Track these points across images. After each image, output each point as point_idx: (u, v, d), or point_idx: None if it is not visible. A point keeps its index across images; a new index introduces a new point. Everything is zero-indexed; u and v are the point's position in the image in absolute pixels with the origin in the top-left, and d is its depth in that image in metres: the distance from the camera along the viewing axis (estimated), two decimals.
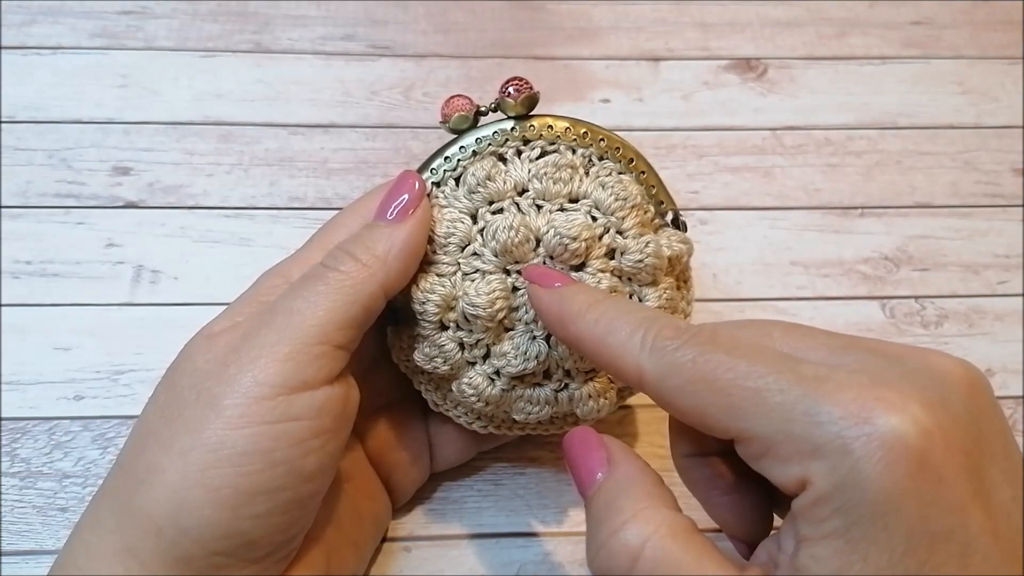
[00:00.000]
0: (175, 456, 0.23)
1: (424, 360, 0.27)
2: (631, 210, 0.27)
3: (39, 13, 0.46)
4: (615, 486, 0.22)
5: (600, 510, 0.22)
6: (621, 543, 0.21)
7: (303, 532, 0.26)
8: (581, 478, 0.23)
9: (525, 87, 0.28)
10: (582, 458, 0.23)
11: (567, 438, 0.24)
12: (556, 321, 0.24)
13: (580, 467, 0.23)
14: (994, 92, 0.47)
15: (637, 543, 0.20)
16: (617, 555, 0.21)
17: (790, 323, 0.22)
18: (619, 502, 0.21)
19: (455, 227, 0.27)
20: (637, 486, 0.22)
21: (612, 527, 0.21)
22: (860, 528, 0.18)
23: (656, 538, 0.20)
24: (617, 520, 0.21)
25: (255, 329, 0.25)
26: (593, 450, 0.23)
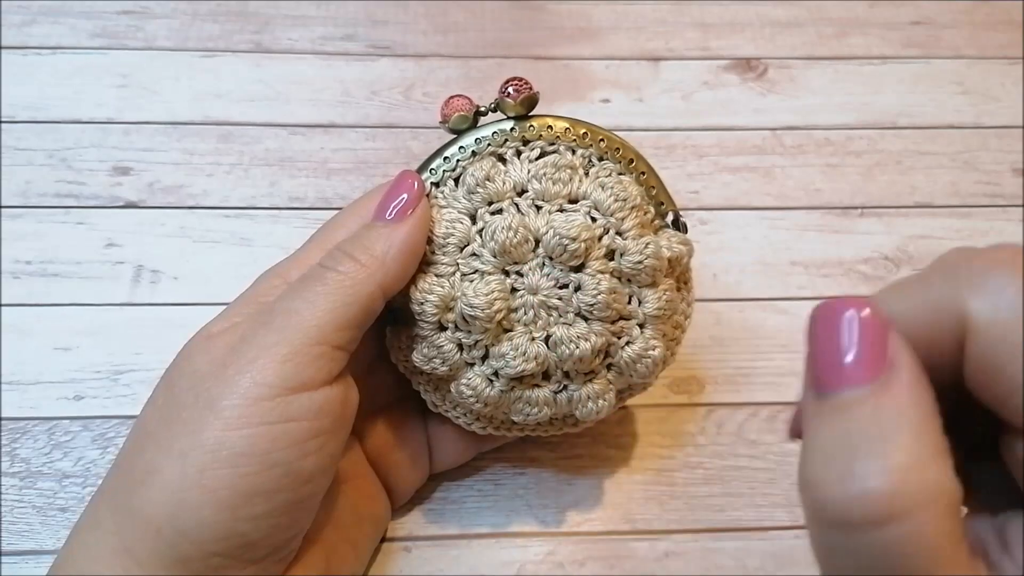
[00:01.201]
0: (173, 457, 0.23)
1: (422, 361, 0.27)
2: (631, 211, 0.27)
3: (39, 13, 0.46)
4: (892, 405, 0.16)
5: (863, 430, 0.16)
6: (886, 491, 0.15)
7: (302, 533, 0.26)
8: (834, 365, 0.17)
9: (524, 87, 0.28)
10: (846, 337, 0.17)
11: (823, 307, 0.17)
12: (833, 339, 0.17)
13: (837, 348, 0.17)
14: (994, 92, 0.46)
15: (908, 503, 0.15)
16: (872, 501, 0.15)
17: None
18: (899, 436, 0.16)
19: (454, 227, 0.27)
20: (923, 421, 0.16)
21: (882, 464, 0.15)
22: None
23: (933, 511, 0.15)
24: (893, 458, 0.15)
25: (253, 330, 0.25)
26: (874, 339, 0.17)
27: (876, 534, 0.15)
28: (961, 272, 0.17)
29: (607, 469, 0.34)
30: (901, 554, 0.15)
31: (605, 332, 0.27)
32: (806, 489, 0.16)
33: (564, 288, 0.27)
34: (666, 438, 0.35)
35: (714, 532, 0.32)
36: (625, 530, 0.32)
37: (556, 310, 0.27)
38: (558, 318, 0.27)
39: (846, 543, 0.16)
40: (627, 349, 0.27)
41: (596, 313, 0.26)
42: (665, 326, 0.28)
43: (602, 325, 0.27)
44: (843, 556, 0.16)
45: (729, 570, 0.32)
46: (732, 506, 0.33)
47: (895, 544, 0.15)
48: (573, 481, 0.34)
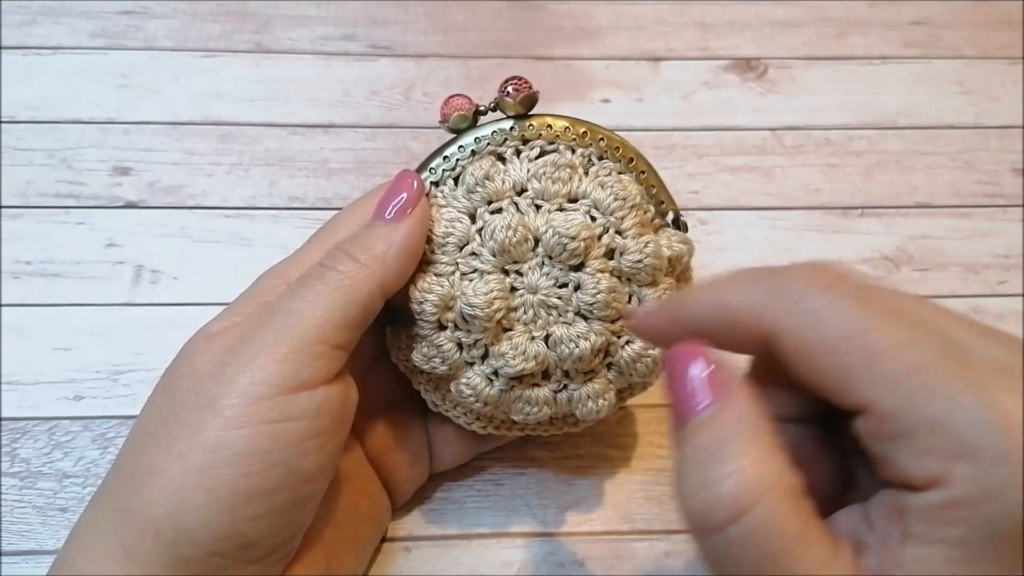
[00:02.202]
0: (173, 457, 0.23)
1: (422, 360, 0.27)
2: (630, 210, 0.27)
3: (39, 13, 0.46)
4: (729, 421, 0.19)
5: (706, 446, 0.19)
6: (730, 491, 0.18)
7: (302, 532, 0.26)
8: (681, 400, 0.20)
9: (524, 86, 0.28)
10: (687, 377, 0.20)
11: (673, 352, 0.21)
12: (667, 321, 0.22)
13: (682, 387, 0.20)
14: (994, 92, 0.46)
15: (750, 497, 0.18)
16: (723, 502, 0.18)
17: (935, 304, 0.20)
18: (734, 444, 0.19)
19: (453, 227, 0.27)
20: (756, 429, 0.19)
21: (723, 470, 0.18)
22: (988, 544, 0.17)
23: (771, 498, 0.18)
24: (731, 464, 0.18)
25: (253, 329, 0.25)
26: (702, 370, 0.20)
27: (733, 530, 0.18)
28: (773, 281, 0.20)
29: (607, 469, 0.34)
30: (757, 542, 0.18)
31: (605, 331, 0.27)
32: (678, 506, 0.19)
33: (564, 287, 0.27)
34: (666, 438, 0.35)
35: None
36: (625, 530, 0.32)
37: (556, 309, 0.27)
38: (558, 317, 0.27)
39: (715, 546, 0.18)
40: (627, 348, 0.27)
41: (596, 312, 0.26)
42: None
43: (602, 324, 0.27)
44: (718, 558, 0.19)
45: None
46: None
47: (750, 534, 0.18)
48: (573, 481, 0.34)
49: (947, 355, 0.18)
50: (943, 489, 0.17)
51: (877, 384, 0.18)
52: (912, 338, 0.18)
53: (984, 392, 0.17)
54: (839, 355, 0.19)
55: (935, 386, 0.18)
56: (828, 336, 0.19)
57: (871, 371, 0.18)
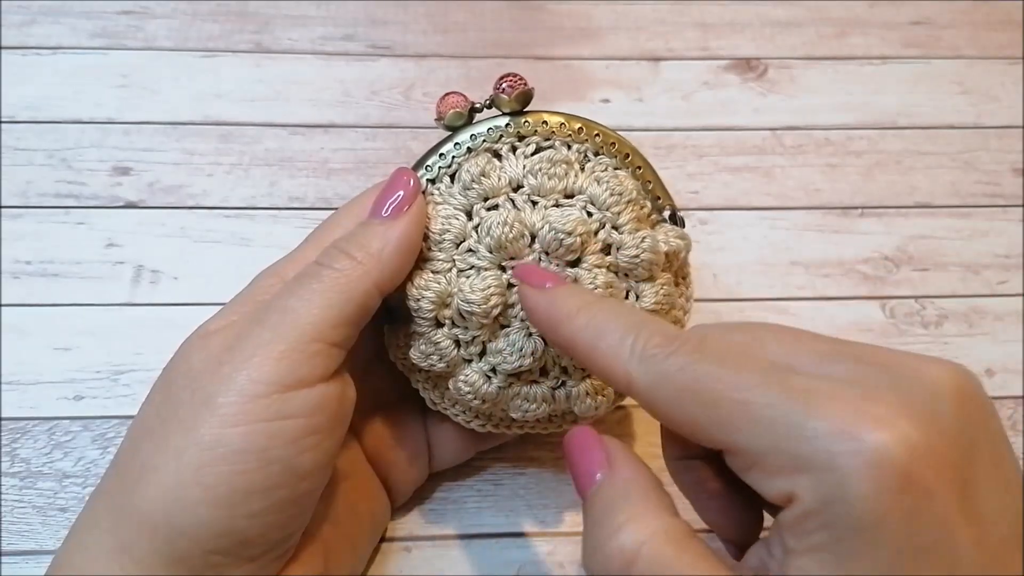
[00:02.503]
0: (170, 455, 0.23)
1: (420, 358, 0.27)
2: (627, 205, 0.27)
3: (39, 13, 0.46)
4: (613, 489, 0.22)
5: (597, 512, 0.22)
6: (617, 546, 0.20)
7: (299, 531, 0.26)
8: (580, 478, 0.23)
9: (519, 83, 0.28)
10: (581, 458, 0.23)
11: (567, 438, 0.24)
12: (545, 323, 0.24)
13: (579, 467, 0.23)
14: (994, 92, 0.46)
15: (632, 547, 0.20)
16: (612, 558, 0.20)
17: (782, 327, 0.22)
18: (617, 505, 0.21)
19: (450, 224, 0.27)
20: (635, 490, 0.21)
21: (608, 529, 0.21)
22: (846, 543, 0.18)
23: (652, 542, 0.20)
24: (614, 523, 0.21)
25: (250, 328, 0.25)
26: (593, 450, 0.23)
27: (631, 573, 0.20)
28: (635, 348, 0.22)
29: None
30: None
31: None
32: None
33: None
34: None
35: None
36: None
37: None
38: None
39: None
40: None
41: None
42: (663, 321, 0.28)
43: None
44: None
45: None
46: None
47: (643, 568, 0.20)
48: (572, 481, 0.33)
49: (769, 384, 0.19)
50: (796, 503, 0.19)
51: (717, 427, 0.20)
52: (735, 378, 0.20)
53: (807, 408, 0.19)
54: (683, 407, 0.21)
55: (760, 415, 0.19)
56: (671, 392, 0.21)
57: (708, 416, 0.20)
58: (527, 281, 0.25)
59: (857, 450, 0.18)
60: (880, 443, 0.18)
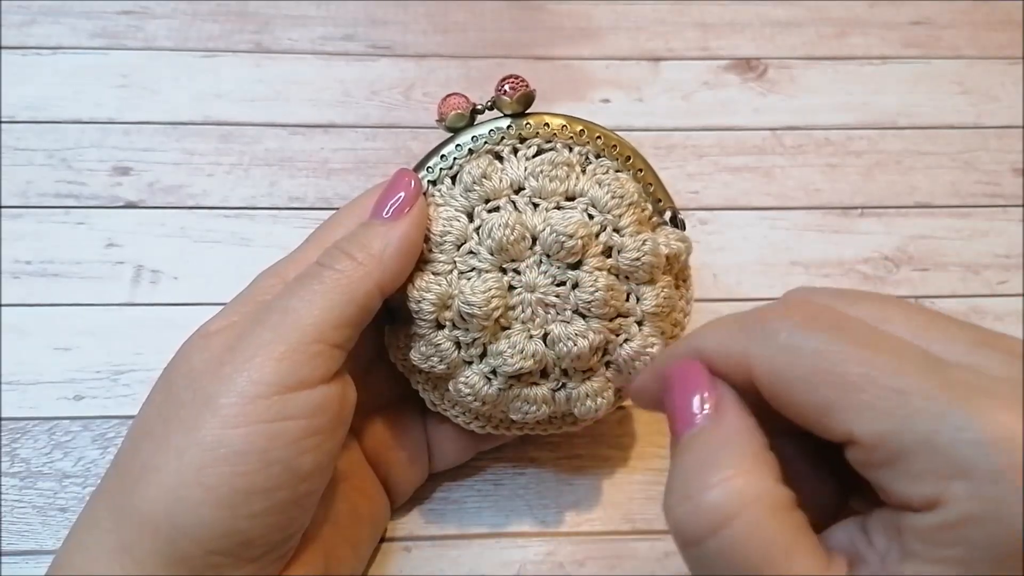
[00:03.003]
0: (171, 455, 0.23)
1: (420, 359, 0.27)
2: (628, 208, 0.27)
3: (39, 13, 0.46)
4: (718, 437, 0.20)
5: (695, 457, 0.19)
6: (712, 502, 0.18)
7: (300, 531, 0.26)
8: (678, 416, 0.21)
9: (521, 85, 0.28)
10: (684, 394, 0.21)
11: (672, 369, 0.22)
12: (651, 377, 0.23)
13: (680, 403, 0.21)
14: (994, 92, 0.46)
15: (730, 508, 0.18)
16: (705, 513, 0.18)
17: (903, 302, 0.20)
18: (721, 455, 0.19)
19: (451, 225, 0.27)
20: (743, 444, 0.19)
21: (707, 480, 0.19)
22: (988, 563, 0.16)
23: (753, 508, 0.18)
24: (715, 475, 0.19)
25: (251, 328, 0.25)
26: (700, 389, 0.21)
27: (716, 541, 0.18)
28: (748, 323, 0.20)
29: (607, 469, 0.34)
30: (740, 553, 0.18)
31: (603, 329, 0.27)
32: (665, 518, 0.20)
33: (561, 285, 0.27)
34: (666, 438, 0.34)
35: None
36: (625, 530, 0.32)
37: (554, 307, 0.27)
38: (556, 315, 0.27)
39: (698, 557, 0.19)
40: (625, 346, 0.27)
41: (594, 310, 0.26)
42: (664, 323, 0.28)
43: (600, 322, 0.27)
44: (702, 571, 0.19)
45: None
46: None
47: (732, 546, 0.18)
48: (573, 481, 0.34)
49: (928, 375, 0.18)
50: (940, 510, 0.17)
51: (857, 414, 0.18)
52: (889, 363, 0.18)
53: (971, 408, 0.17)
54: (816, 389, 0.19)
55: (918, 407, 0.17)
56: (803, 372, 0.19)
57: (848, 402, 0.18)
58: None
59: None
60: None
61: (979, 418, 0.17)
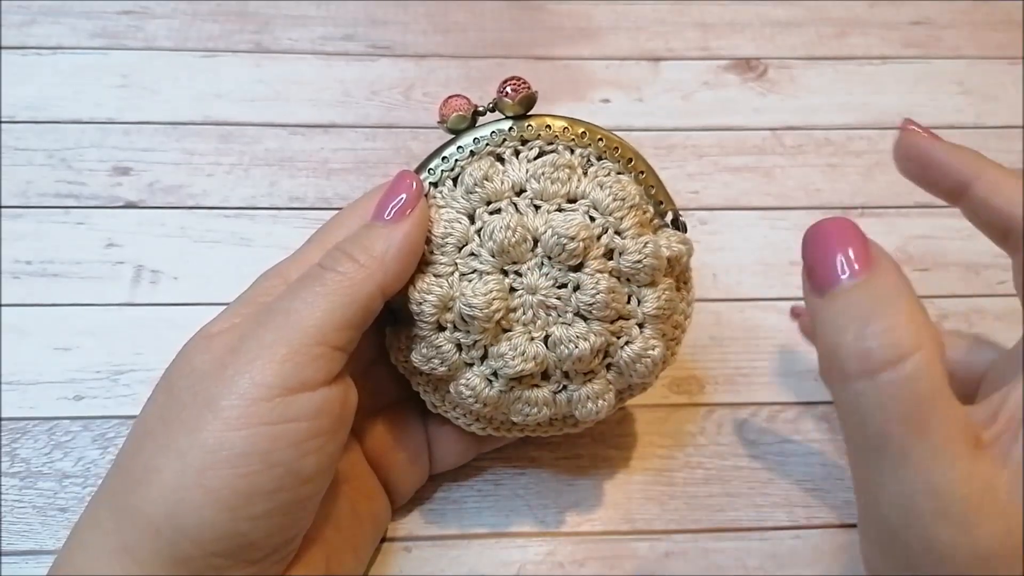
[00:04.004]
0: (173, 457, 0.23)
1: (421, 361, 0.27)
2: (629, 210, 0.27)
3: (39, 13, 0.46)
4: (887, 286, 0.21)
5: (871, 300, 0.21)
6: (895, 338, 0.20)
7: (302, 533, 0.26)
8: (832, 265, 0.22)
9: (523, 87, 0.28)
10: (842, 245, 0.22)
11: (827, 222, 0.23)
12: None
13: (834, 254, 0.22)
14: (994, 92, 0.46)
15: (911, 345, 0.20)
16: (886, 348, 0.20)
17: None
18: (893, 302, 0.21)
19: (452, 227, 0.27)
20: (909, 295, 0.21)
21: (889, 321, 0.20)
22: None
23: (929, 350, 0.20)
24: (896, 317, 0.20)
25: (253, 330, 0.25)
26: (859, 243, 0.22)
27: (893, 374, 0.20)
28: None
29: (607, 469, 0.34)
30: (913, 389, 0.20)
31: (604, 332, 0.27)
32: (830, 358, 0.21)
33: (563, 287, 0.27)
34: (666, 438, 0.35)
35: (714, 532, 0.32)
36: (625, 530, 0.32)
37: (555, 310, 0.27)
38: (557, 318, 0.27)
39: (867, 390, 0.20)
40: (626, 349, 0.27)
41: (595, 313, 0.26)
42: (665, 326, 0.28)
43: (601, 325, 0.27)
44: (866, 404, 0.21)
45: (729, 570, 0.32)
46: (732, 506, 0.33)
47: (907, 380, 0.20)
48: (573, 481, 0.34)
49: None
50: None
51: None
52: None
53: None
54: None
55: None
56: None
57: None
58: None
59: None
60: None
61: None
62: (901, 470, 0.20)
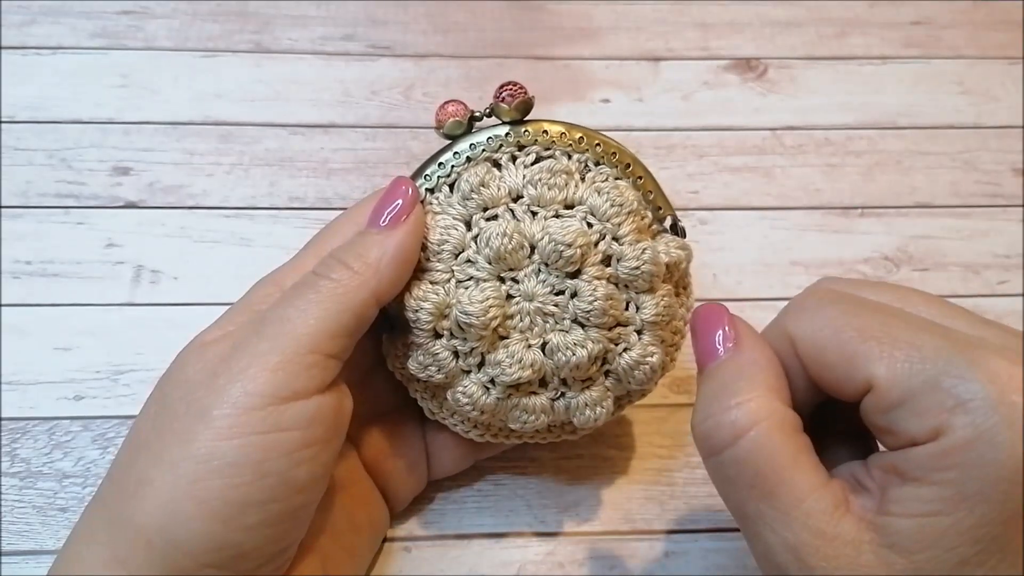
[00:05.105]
0: (165, 468, 0.23)
1: (418, 368, 0.27)
2: (627, 216, 0.27)
3: (39, 13, 0.46)
4: (737, 367, 0.23)
5: (717, 384, 0.23)
6: (730, 419, 0.22)
7: (296, 542, 0.26)
8: (704, 349, 0.24)
9: (519, 92, 0.28)
10: (709, 331, 0.24)
11: (699, 309, 0.25)
12: None
13: (705, 339, 0.24)
14: (994, 92, 0.46)
15: (745, 424, 0.21)
16: (723, 428, 0.22)
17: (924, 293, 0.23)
18: (738, 383, 0.22)
19: (449, 234, 0.27)
20: (759, 373, 0.22)
21: (726, 403, 0.22)
22: (977, 484, 0.19)
23: (765, 425, 0.21)
24: (732, 399, 0.22)
25: (246, 338, 0.24)
26: (721, 326, 0.24)
27: (732, 451, 0.22)
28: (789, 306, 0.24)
29: (607, 469, 0.34)
30: (752, 462, 0.21)
31: (602, 339, 0.26)
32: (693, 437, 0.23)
33: (560, 294, 0.26)
34: (666, 438, 0.35)
35: (714, 532, 0.32)
36: (625, 530, 0.32)
37: (552, 317, 0.26)
38: (554, 325, 0.26)
39: (717, 466, 0.22)
40: (625, 356, 0.27)
41: (592, 320, 0.26)
42: (664, 332, 0.28)
43: (599, 332, 0.26)
44: (720, 478, 0.22)
45: (729, 570, 0.32)
46: None
47: (745, 456, 0.21)
48: (573, 481, 0.34)
49: (938, 335, 0.21)
50: (942, 438, 0.20)
51: (876, 361, 0.21)
52: (905, 324, 0.21)
53: (974, 356, 0.20)
54: (843, 345, 0.22)
55: (928, 356, 0.20)
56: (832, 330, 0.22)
57: (869, 351, 0.21)
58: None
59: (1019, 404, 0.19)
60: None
61: (980, 364, 0.20)
62: (762, 532, 0.21)
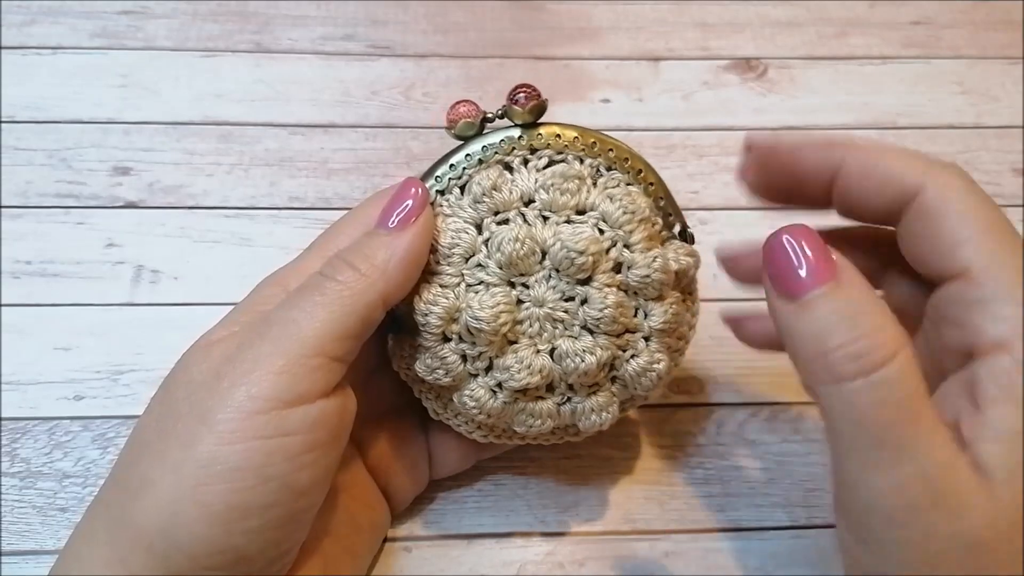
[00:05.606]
0: (167, 470, 0.23)
1: (425, 371, 0.27)
2: (639, 224, 0.26)
3: (39, 13, 0.46)
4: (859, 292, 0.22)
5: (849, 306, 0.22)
6: (879, 341, 0.21)
7: (297, 546, 0.25)
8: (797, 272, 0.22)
9: (534, 95, 0.27)
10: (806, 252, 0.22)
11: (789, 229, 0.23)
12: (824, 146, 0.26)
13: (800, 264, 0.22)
14: (994, 92, 0.47)
15: (897, 344, 0.21)
16: (873, 350, 0.21)
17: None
18: (877, 303, 0.22)
19: (459, 237, 0.26)
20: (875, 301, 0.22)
21: (876, 321, 0.21)
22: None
23: (904, 355, 0.21)
24: (879, 318, 0.21)
25: (250, 340, 0.24)
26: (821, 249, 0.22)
27: (886, 371, 0.21)
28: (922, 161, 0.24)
29: (607, 469, 0.34)
30: (906, 383, 0.21)
31: (611, 345, 0.26)
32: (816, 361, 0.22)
33: (570, 301, 0.26)
34: (666, 438, 0.35)
35: (714, 532, 0.32)
36: (625, 530, 0.32)
37: (562, 323, 0.26)
38: (564, 331, 0.26)
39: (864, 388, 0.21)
40: (632, 362, 0.27)
41: (602, 327, 0.26)
42: (670, 339, 0.28)
43: (608, 339, 0.26)
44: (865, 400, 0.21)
45: (729, 570, 0.32)
46: (732, 506, 0.33)
47: (899, 376, 0.21)
48: (573, 481, 0.34)
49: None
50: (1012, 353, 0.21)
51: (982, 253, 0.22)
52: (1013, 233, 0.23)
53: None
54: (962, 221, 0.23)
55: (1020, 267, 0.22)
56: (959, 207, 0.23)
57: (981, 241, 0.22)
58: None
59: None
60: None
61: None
62: (897, 463, 0.21)
